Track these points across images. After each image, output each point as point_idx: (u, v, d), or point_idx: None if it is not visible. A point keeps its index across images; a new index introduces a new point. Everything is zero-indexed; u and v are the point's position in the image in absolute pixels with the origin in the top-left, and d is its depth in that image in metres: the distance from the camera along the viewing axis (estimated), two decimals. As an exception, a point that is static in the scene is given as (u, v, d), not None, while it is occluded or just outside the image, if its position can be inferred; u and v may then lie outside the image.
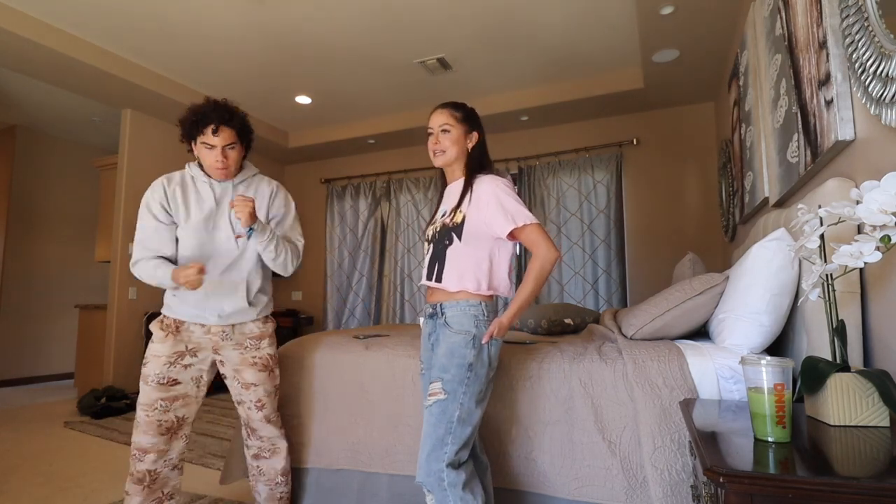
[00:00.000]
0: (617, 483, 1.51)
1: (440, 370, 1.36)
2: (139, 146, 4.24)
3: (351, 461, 1.84)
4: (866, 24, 1.04)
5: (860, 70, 1.08)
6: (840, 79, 1.26)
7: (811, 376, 0.98)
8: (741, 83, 2.57)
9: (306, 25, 3.19)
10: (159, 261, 1.59)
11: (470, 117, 1.53)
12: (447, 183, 1.60)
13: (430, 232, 1.54)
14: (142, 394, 1.55)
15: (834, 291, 1.03)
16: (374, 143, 5.14)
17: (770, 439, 0.87)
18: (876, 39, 1.00)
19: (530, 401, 1.67)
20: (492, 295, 1.44)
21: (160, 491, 1.59)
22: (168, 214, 1.61)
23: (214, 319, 1.62)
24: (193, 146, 1.62)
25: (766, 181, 2.11)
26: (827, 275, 1.02)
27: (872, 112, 1.04)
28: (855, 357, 1.17)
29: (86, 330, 4.37)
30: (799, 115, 1.57)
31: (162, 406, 1.56)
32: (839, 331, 1.00)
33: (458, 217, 1.45)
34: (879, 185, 0.87)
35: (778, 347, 1.61)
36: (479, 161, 1.53)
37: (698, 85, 3.73)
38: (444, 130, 1.50)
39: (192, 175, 1.66)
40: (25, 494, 2.17)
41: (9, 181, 4.91)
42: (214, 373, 1.70)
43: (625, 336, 1.79)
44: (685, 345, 1.61)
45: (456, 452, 1.31)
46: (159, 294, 4.29)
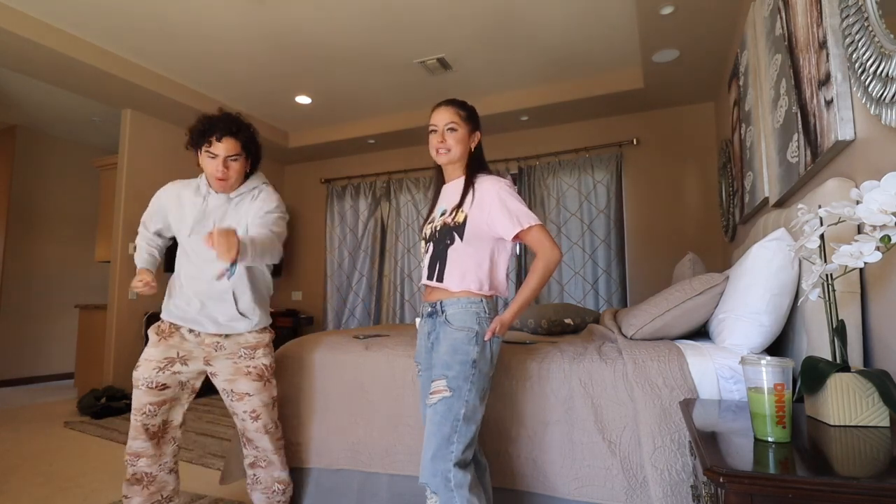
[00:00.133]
0: (617, 483, 1.51)
1: (443, 367, 1.34)
2: (139, 146, 4.24)
3: (351, 461, 1.84)
4: (866, 24, 1.04)
5: (860, 70, 1.08)
6: (840, 79, 1.26)
7: (811, 376, 0.98)
8: (741, 83, 2.57)
9: (306, 25, 3.19)
10: (149, 248, 1.75)
11: (473, 116, 1.53)
12: (444, 180, 1.59)
13: (429, 231, 1.52)
14: (133, 398, 1.58)
15: (834, 291, 1.03)
16: (374, 143, 5.14)
17: (770, 439, 0.87)
18: (876, 39, 1.00)
19: (530, 401, 1.67)
20: (492, 294, 1.44)
21: (159, 494, 1.60)
22: (163, 216, 1.72)
23: (210, 327, 1.62)
24: (199, 155, 1.63)
25: (766, 181, 2.11)
26: (827, 275, 1.02)
27: (872, 112, 1.04)
28: (855, 357, 1.17)
29: (86, 330, 4.37)
30: (799, 115, 1.57)
31: (150, 410, 1.57)
32: (839, 331, 1.00)
33: (460, 217, 1.43)
34: (879, 185, 0.87)
35: (778, 347, 1.61)
36: (480, 161, 1.53)
37: (698, 85, 3.73)
38: (451, 129, 1.47)
39: (199, 184, 1.69)
40: (25, 494, 2.17)
41: (9, 181, 4.91)
42: (202, 379, 1.70)
43: (625, 336, 1.79)
44: (685, 345, 1.61)
45: (462, 451, 1.29)
46: (159, 294, 4.28)
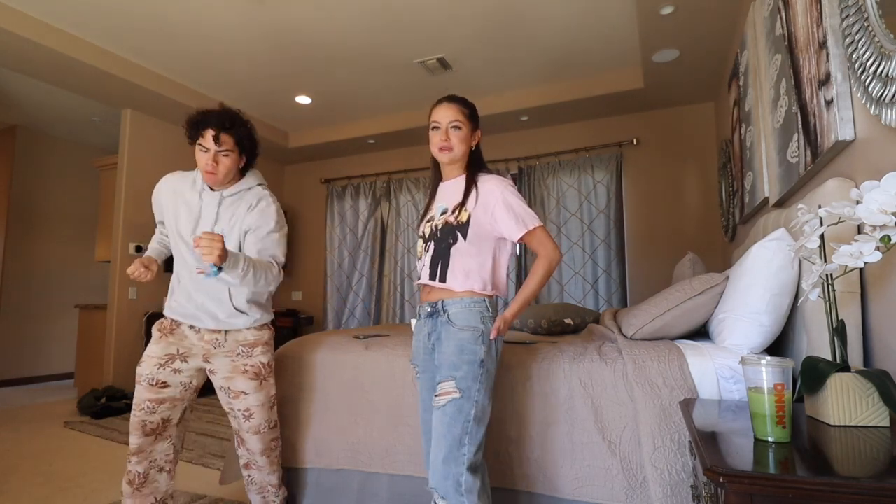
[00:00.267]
0: (617, 483, 1.51)
1: (451, 368, 1.31)
2: (139, 146, 4.24)
3: (351, 461, 1.84)
4: (866, 24, 1.04)
5: (860, 70, 1.08)
6: (840, 79, 1.26)
7: (811, 376, 0.98)
8: (741, 83, 2.57)
9: (306, 25, 3.19)
10: (158, 239, 1.80)
11: (475, 114, 1.51)
12: (440, 177, 1.56)
13: (429, 229, 1.49)
14: (135, 393, 1.59)
15: (834, 291, 1.03)
16: (374, 143, 5.14)
17: (770, 439, 0.87)
18: (876, 39, 1.00)
19: (530, 401, 1.67)
20: (494, 294, 1.43)
21: (152, 497, 1.58)
22: (160, 211, 1.76)
23: (210, 323, 1.62)
24: (194, 147, 1.63)
25: (766, 181, 2.11)
26: (827, 275, 1.02)
27: (872, 112, 1.04)
28: (855, 357, 1.17)
29: (86, 330, 4.37)
30: (799, 115, 1.57)
31: (149, 407, 1.57)
32: (839, 331, 1.00)
33: (464, 216, 1.41)
34: (879, 185, 0.87)
35: (778, 347, 1.61)
36: (480, 159, 1.52)
37: (698, 85, 3.73)
38: (456, 127, 1.44)
39: (195, 178, 1.68)
40: (25, 494, 2.17)
41: (9, 181, 4.91)
42: (204, 378, 1.70)
43: (625, 336, 1.79)
44: (685, 345, 1.61)
45: (474, 454, 1.28)
46: (159, 294, 4.29)
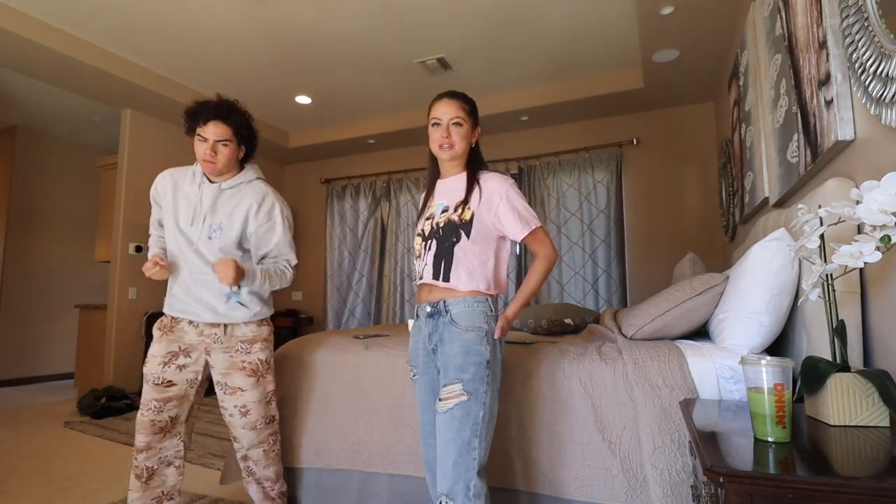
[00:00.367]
0: (617, 483, 1.51)
1: (457, 370, 1.29)
2: (139, 146, 4.24)
3: (351, 461, 1.84)
4: (866, 24, 1.04)
5: (860, 70, 1.08)
6: (840, 79, 1.26)
7: (811, 376, 0.98)
8: (741, 83, 2.57)
9: (306, 25, 3.19)
10: (157, 241, 1.76)
11: (475, 111, 1.48)
12: (438, 174, 1.52)
13: (429, 227, 1.45)
14: (142, 393, 1.60)
15: (834, 291, 1.03)
16: (374, 143, 5.14)
17: (770, 439, 0.87)
18: (876, 39, 1.00)
19: (530, 401, 1.67)
20: (496, 293, 1.42)
21: (159, 490, 1.60)
22: (158, 206, 1.73)
23: (208, 316, 1.62)
24: (193, 139, 1.65)
25: (766, 181, 2.11)
26: (827, 275, 1.02)
27: (872, 112, 1.04)
28: (855, 357, 1.17)
29: (86, 330, 4.37)
30: (799, 115, 1.57)
31: (156, 406, 1.58)
32: (839, 331, 1.00)
33: (467, 214, 1.38)
34: (879, 185, 0.87)
35: (778, 347, 1.61)
36: (481, 157, 1.50)
37: (698, 85, 3.73)
38: (457, 124, 1.41)
39: (194, 171, 1.70)
40: (25, 494, 2.17)
41: (9, 181, 4.91)
42: (209, 373, 1.70)
43: (625, 336, 1.79)
44: (685, 345, 1.61)
45: (484, 457, 1.27)
46: (159, 294, 4.29)
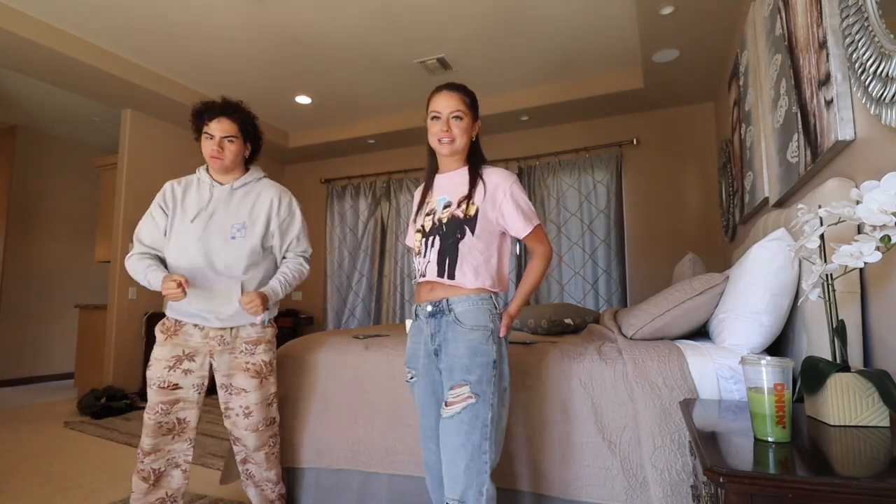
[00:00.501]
0: (617, 483, 1.51)
1: (464, 372, 1.25)
2: (139, 146, 4.24)
3: (351, 461, 1.84)
4: (866, 24, 1.04)
5: (860, 70, 1.08)
6: (840, 79, 1.25)
7: (811, 376, 0.98)
8: (741, 83, 2.57)
9: (306, 25, 3.19)
10: (153, 262, 1.63)
11: (476, 104, 1.45)
12: (436, 168, 1.48)
13: (429, 223, 1.41)
14: (148, 397, 1.60)
15: (834, 291, 1.03)
16: (374, 143, 5.14)
17: (770, 439, 0.87)
18: (876, 39, 1.00)
19: (530, 401, 1.67)
20: (499, 290, 1.40)
21: (164, 492, 1.60)
22: (165, 215, 1.66)
23: (215, 322, 1.62)
24: (200, 140, 1.66)
25: (766, 181, 2.11)
26: (827, 275, 1.02)
27: (872, 112, 1.04)
28: (855, 357, 1.17)
29: (86, 330, 4.37)
30: (799, 115, 1.57)
31: (163, 409, 1.58)
32: (839, 331, 1.00)
33: (471, 210, 1.35)
34: (879, 185, 0.87)
35: (778, 347, 1.61)
36: (481, 151, 1.47)
37: (698, 85, 3.73)
38: (457, 117, 1.37)
39: (199, 177, 1.70)
40: (25, 494, 2.17)
41: (9, 181, 4.90)
42: (212, 374, 1.70)
43: (625, 336, 1.79)
44: (685, 345, 1.61)
45: (495, 460, 1.25)
46: (159, 294, 4.29)
